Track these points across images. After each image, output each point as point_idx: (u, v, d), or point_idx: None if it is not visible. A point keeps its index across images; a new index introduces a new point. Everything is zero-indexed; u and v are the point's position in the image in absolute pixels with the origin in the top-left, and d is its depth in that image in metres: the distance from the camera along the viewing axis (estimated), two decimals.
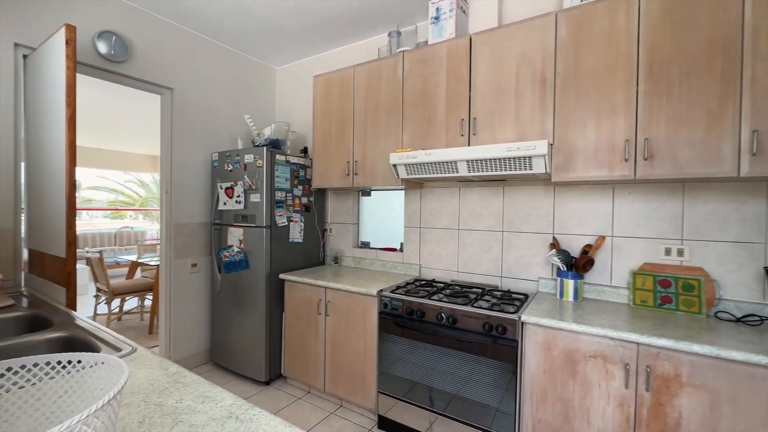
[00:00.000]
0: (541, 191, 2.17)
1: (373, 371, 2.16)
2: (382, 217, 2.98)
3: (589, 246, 1.98)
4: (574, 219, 2.07)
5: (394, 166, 2.16)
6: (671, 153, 1.55)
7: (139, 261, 4.39)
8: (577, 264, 1.93)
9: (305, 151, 3.04)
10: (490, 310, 1.76)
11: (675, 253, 1.80)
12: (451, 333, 1.86)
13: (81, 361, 0.68)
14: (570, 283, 1.93)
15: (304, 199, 2.89)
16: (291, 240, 2.77)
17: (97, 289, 3.98)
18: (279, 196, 2.65)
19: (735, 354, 1.26)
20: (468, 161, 1.91)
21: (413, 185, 2.53)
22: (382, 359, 2.10)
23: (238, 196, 2.69)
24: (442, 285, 2.30)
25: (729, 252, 1.70)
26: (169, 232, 2.78)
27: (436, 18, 2.21)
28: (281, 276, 2.62)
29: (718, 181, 1.69)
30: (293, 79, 3.45)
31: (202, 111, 2.95)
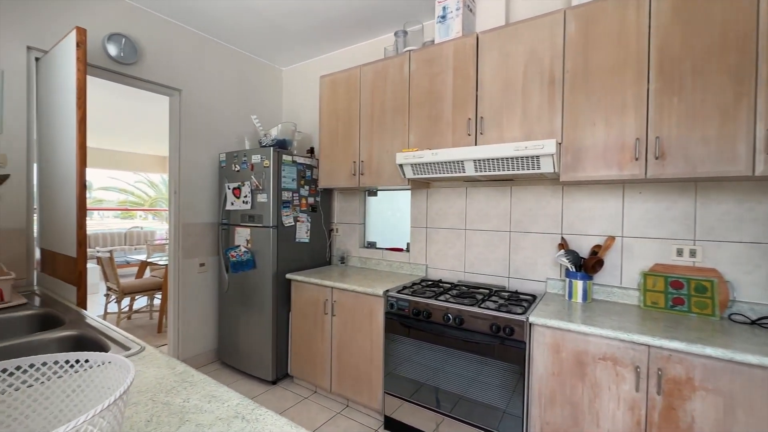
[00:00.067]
0: (549, 191, 2.14)
1: (380, 371, 2.16)
2: (389, 217, 2.97)
3: (598, 246, 1.95)
4: (582, 219, 2.04)
5: (401, 165, 2.16)
6: (683, 152, 1.52)
7: (149, 260, 4.45)
8: (586, 265, 1.91)
9: (312, 151, 3.05)
10: (498, 311, 1.74)
11: (687, 253, 1.77)
12: (457, 334, 1.84)
13: (88, 361, 0.69)
14: (579, 284, 1.90)
15: (311, 199, 2.90)
16: (298, 240, 2.78)
17: (108, 288, 4.04)
18: (286, 196, 2.66)
19: (750, 357, 1.23)
20: (475, 161, 1.89)
21: (420, 185, 2.52)
22: (389, 360, 2.10)
23: (246, 197, 2.70)
24: (449, 285, 2.28)
25: (743, 253, 1.66)
26: (178, 232, 2.81)
27: (443, 17, 2.19)
28: (288, 276, 2.63)
29: (731, 181, 1.66)
30: (300, 79, 3.46)
31: (209, 112, 2.98)
